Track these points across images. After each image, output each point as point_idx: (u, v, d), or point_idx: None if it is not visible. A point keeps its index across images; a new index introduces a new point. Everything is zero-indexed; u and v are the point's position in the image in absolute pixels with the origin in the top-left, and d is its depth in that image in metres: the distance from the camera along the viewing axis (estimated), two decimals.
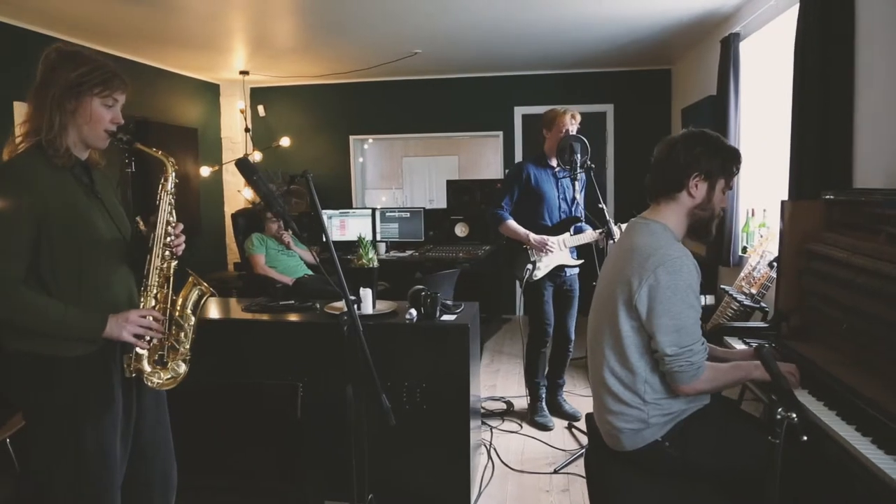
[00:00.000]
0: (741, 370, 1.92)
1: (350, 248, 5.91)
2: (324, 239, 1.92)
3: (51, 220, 1.70)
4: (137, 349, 1.81)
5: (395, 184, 10.46)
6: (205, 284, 1.91)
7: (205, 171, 6.31)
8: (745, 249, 4.11)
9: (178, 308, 1.89)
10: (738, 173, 2.01)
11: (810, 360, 2.13)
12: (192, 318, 1.90)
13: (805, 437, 1.31)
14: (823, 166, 2.93)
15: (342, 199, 6.91)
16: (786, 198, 3.52)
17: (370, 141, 7.42)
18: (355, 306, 2.96)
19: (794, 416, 1.30)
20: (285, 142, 6.65)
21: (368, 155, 7.83)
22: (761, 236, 3.89)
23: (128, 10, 4.17)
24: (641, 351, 1.88)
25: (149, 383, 1.84)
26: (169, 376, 1.87)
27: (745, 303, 3.37)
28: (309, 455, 2.84)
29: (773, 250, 3.53)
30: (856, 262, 2.13)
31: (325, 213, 6.26)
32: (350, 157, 7.02)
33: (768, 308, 3.39)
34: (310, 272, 5.24)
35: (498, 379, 4.75)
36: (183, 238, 1.89)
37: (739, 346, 2.45)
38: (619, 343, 1.90)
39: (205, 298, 1.92)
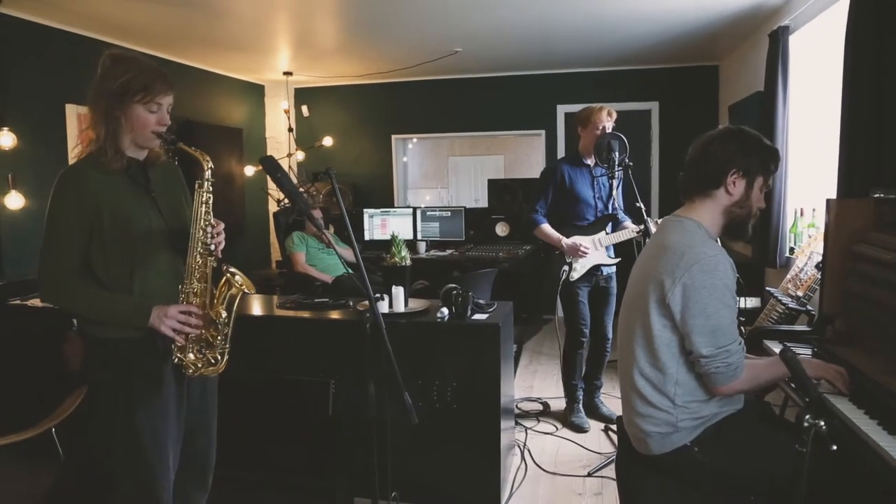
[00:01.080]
0: (779, 366, 1.84)
1: (384, 246, 5.97)
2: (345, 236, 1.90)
3: (102, 221, 1.84)
4: (175, 342, 1.90)
5: (440, 183, 10.48)
6: (237, 285, 1.93)
7: (249, 170, 6.44)
8: (792, 250, 3.96)
9: (214, 304, 1.95)
10: (776, 172, 1.95)
11: (854, 365, 2.03)
12: (224, 314, 1.94)
13: (835, 447, 1.24)
14: (875, 163, 2.80)
15: (384, 199, 6.95)
16: (835, 197, 3.38)
17: (414, 140, 7.45)
18: (387, 304, 3.01)
19: (823, 423, 1.24)
20: (328, 141, 6.73)
21: (412, 154, 7.87)
22: (809, 237, 3.74)
23: (175, 15, 4.30)
24: (673, 351, 1.83)
25: (187, 372, 1.94)
26: (207, 365, 1.96)
27: (790, 305, 3.25)
28: (339, 452, 2.87)
29: (821, 251, 3.39)
30: None
31: (367, 212, 6.31)
32: (392, 157, 7.06)
33: (814, 311, 3.26)
34: (349, 271, 5.27)
35: (535, 380, 4.71)
36: (223, 236, 1.94)
37: (779, 350, 2.36)
38: (650, 343, 1.85)
39: (239, 296, 1.95)
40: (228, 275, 1.92)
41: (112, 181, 1.87)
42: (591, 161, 3.74)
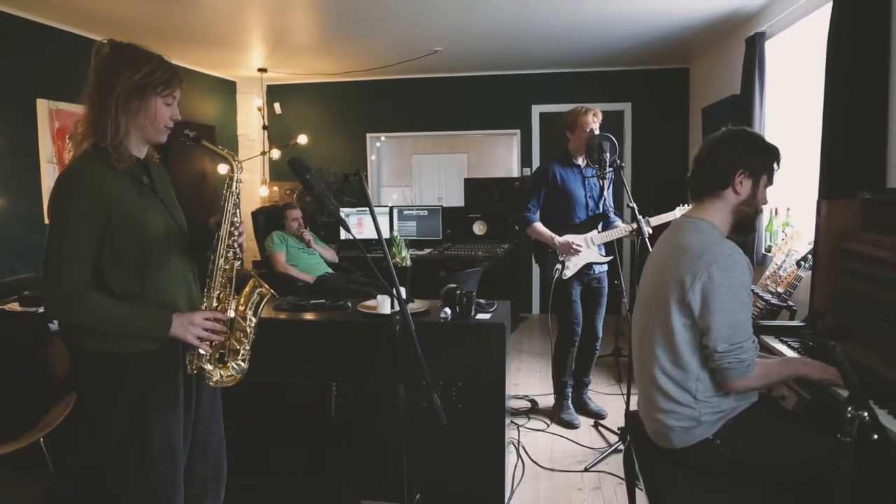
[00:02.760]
0: (790, 366, 1.94)
1: (367, 246, 5.95)
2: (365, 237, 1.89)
3: (113, 224, 1.71)
4: (200, 350, 1.83)
5: (403, 182, 10.47)
6: (266, 286, 1.92)
7: (222, 168, 6.32)
8: (769, 248, 4.11)
9: (240, 308, 1.90)
10: (779, 169, 2.04)
11: (853, 359, 2.13)
12: (253, 319, 1.91)
13: (876, 436, 1.31)
14: (857, 165, 2.93)
15: (358, 198, 6.90)
16: (812, 197, 3.52)
17: (382, 139, 7.43)
18: (388, 305, 3.01)
19: (867, 414, 1.31)
20: (303, 139, 6.66)
21: (381, 153, 7.83)
22: (785, 234, 3.89)
23: (147, 7, 4.18)
24: (693, 347, 1.89)
25: (209, 381, 1.87)
26: (229, 374, 1.89)
27: (771, 301, 3.38)
28: (343, 454, 2.86)
29: (799, 249, 3.53)
30: None
31: (343, 212, 6.26)
32: (367, 155, 7.03)
33: (796, 307, 3.40)
34: (330, 270, 5.25)
35: (520, 377, 4.76)
36: (244, 237, 1.90)
37: (777, 344, 2.46)
38: (671, 341, 1.90)
39: (266, 299, 1.93)
40: (255, 278, 1.90)
41: (120, 179, 1.75)
42: (581, 161, 3.80)
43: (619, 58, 5.96)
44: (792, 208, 3.99)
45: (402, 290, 3.01)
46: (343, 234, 6.17)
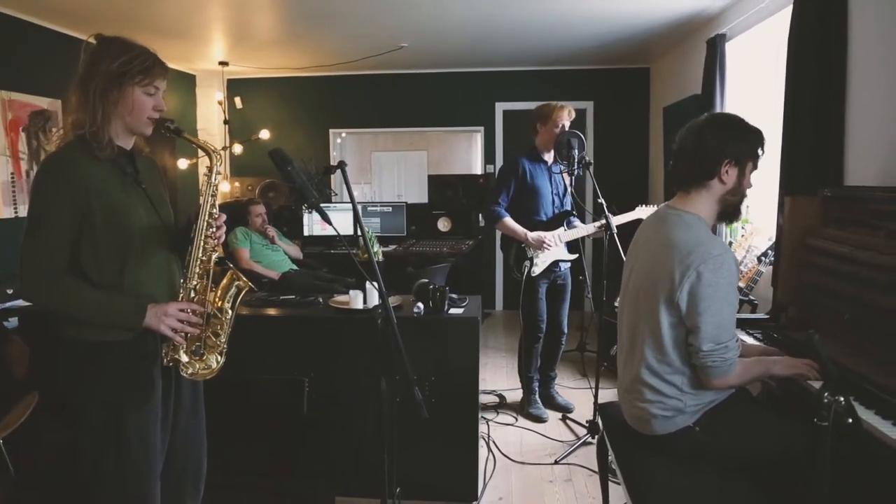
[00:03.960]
0: (763, 365, 1.97)
1: (332, 242, 5.90)
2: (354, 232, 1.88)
3: (93, 213, 1.71)
4: (174, 340, 1.81)
5: (363, 178, 10.41)
6: (244, 279, 1.89)
7: (182, 163, 6.18)
8: (729, 244, 4.22)
9: (217, 301, 1.88)
10: (763, 154, 1.99)
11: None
12: (230, 312, 1.89)
13: (850, 420, 1.37)
14: (816, 164, 3.04)
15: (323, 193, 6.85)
16: (770, 194, 3.64)
17: (343, 135, 7.39)
18: (361, 300, 2.99)
19: (842, 399, 1.36)
20: (265, 134, 6.55)
21: (342, 149, 7.78)
22: (745, 231, 4.01)
23: None
24: (680, 345, 1.91)
25: (184, 373, 1.86)
26: (205, 367, 1.89)
27: None
28: (317, 451, 2.83)
29: (759, 245, 3.64)
30: (860, 257, 2.23)
31: (306, 208, 6.18)
32: (330, 151, 6.97)
33: (757, 301, 3.51)
34: (295, 267, 5.19)
35: (486, 373, 4.79)
36: (223, 229, 1.87)
37: (744, 337, 2.53)
38: (659, 339, 1.91)
39: (243, 293, 1.90)
40: (233, 270, 1.87)
41: (102, 169, 1.75)
42: (548, 157, 3.84)
43: (583, 57, 6.04)
44: (750, 205, 4.11)
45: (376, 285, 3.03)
46: (307, 230, 6.12)
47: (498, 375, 4.73)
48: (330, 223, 1.87)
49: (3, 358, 3.04)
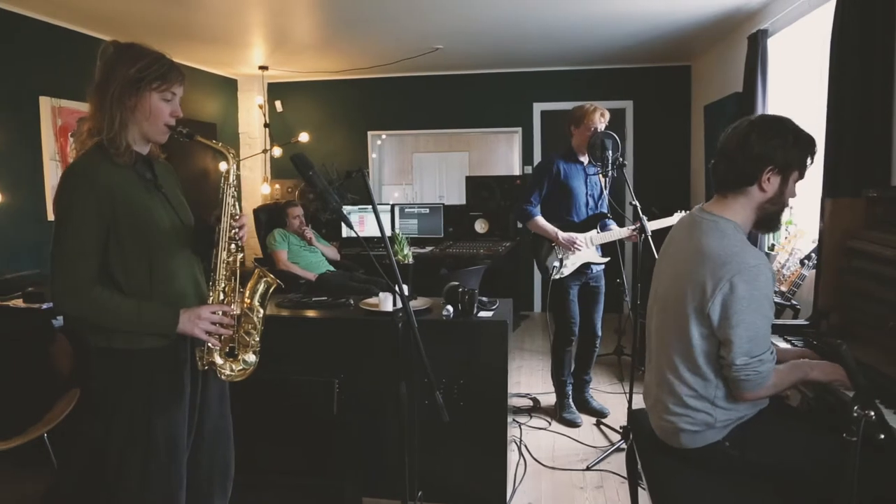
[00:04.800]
0: (799, 371, 1.88)
1: (369, 244, 5.94)
2: (375, 235, 1.88)
3: (118, 219, 1.73)
4: (209, 344, 1.83)
5: (405, 180, 10.46)
6: (271, 276, 1.92)
7: (223, 166, 6.29)
8: (772, 247, 4.10)
9: (247, 300, 1.90)
10: (812, 163, 1.87)
11: (857, 359, 2.12)
12: (261, 310, 1.92)
13: (882, 436, 1.30)
14: (861, 163, 2.92)
15: (361, 195, 6.90)
16: (816, 195, 3.51)
17: (383, 137, 7.43)
18: (390, 303, 3.00)
19: (873, 413, 1.30)
20: (304, 137, 6.64)
21: (382, 151, 7.83)
22: (788, 233, 3.88)
23: (148, 5, 4.18)
24: (712, 359, 1.83)
25: (221, 375, 1.88)
26: (240, 367, 1.90)
27: (774, 300, 3.36)
28: (345, 451, 2.85)
29: (802, 247, 3.52)
30: None
31: (344, 209, 6.23)
32: (368, 153, 7.02)
33: (800, 306, 3.39)
34: (332, 268, 5.25)
35: (521, 376, 4.75)
36: (246, 229, 1.90)
37: (781, 343, 2.45)
38: (689, 351, 1.84)
39: (271, 290, 1.93)
40: (259, 269, 1.90)
41: (123, 175, 1.77)
42: (584, 158, 3.79)
43: (621, 55, 5.94)
44: (795, 206, 3.98)
45: (404, 288, 3.03)
46: (345, 232, 6.18)
47: (533, 379, 4.69)
48: (350, 226, 1.88)
49: (49, 355, 3.16)
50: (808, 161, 1.86)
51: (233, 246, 1.88)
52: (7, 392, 3.09)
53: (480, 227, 6.24)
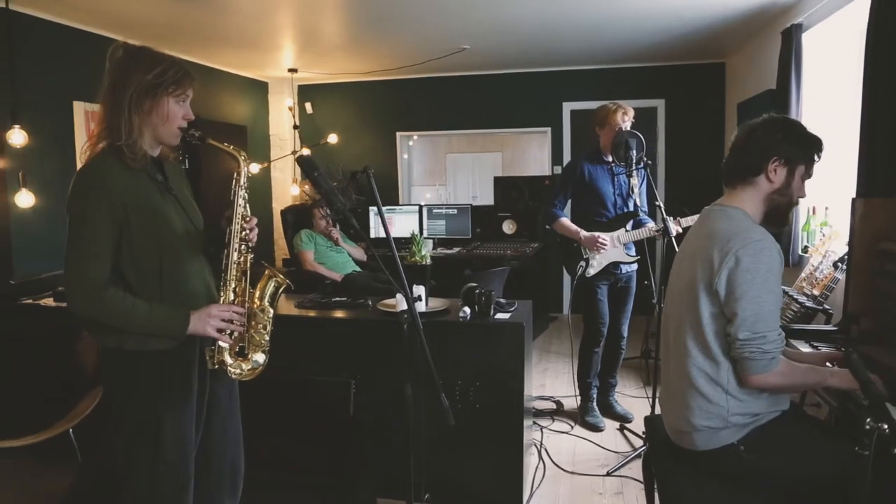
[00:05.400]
0: (817, 374, 1.83)
1: (397, 244, 5.92)
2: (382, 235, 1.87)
3: (130, 221, 1.75)
4: (220, 342, 1.85)
5: (438, 180, 10.45)
6: (280, 276, 1.93)
7: (254, 168, 6.39)
8: (805, 249, 3.97)
9: (257, 300, 1.92)
10: (819, 161, 1.96)
11: (889, 366, 2.03)
12: (270, 310, 1.94)
13: None
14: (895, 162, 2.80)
15: (389, 196, 6.93)
16: (852, 195, 3.38)
17: (415, 137, 7.44)
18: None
19: (886, 426, 1.23)
20: (333, 139, 6.69)
21: (413, 152, 7.84)
22: (823, 235, 3.75)
23: (179, 10, 4.25)
24: (720, 336, 1.83)
25: (232, 375, 1.90)
26: (249, 367, 1.93)
27: (806, 304, 3.25)
28: (361, 452, 2.85)
29: (836, 250, 3.39)
30: None
31: (372, 210, 6.27)
32: (396, 154, 7.04)
33: (832, 310, 3.27)
34: (358, 269, 5.26)
35: (547, 378, 4.70)
36: (256, 231, 1.92)
37: (807, 349, 2.36)
38: (701, 333, 1.84)
39: (281, 290, 1.94)
40: (269, 269, 1.91)
41: (135, 178, 1.79)
42: (611, 158, 3.73)
43: (652, 53, 5.83)
44: (830, 207, 3.85)
45: (422, 289, 3.02)
46: (372, 233, 6.20)
47: (559, 381, 4.63)
48: (355, 227, 1.88)
49: (75, 353, 3.24)
50: (815, 157, 1.94)
51: (243, 247, 1.90)
52: (35, 388, 3.19)
53: (508, 227, 6.20)
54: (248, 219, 1.91)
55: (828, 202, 3.85)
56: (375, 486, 2.84)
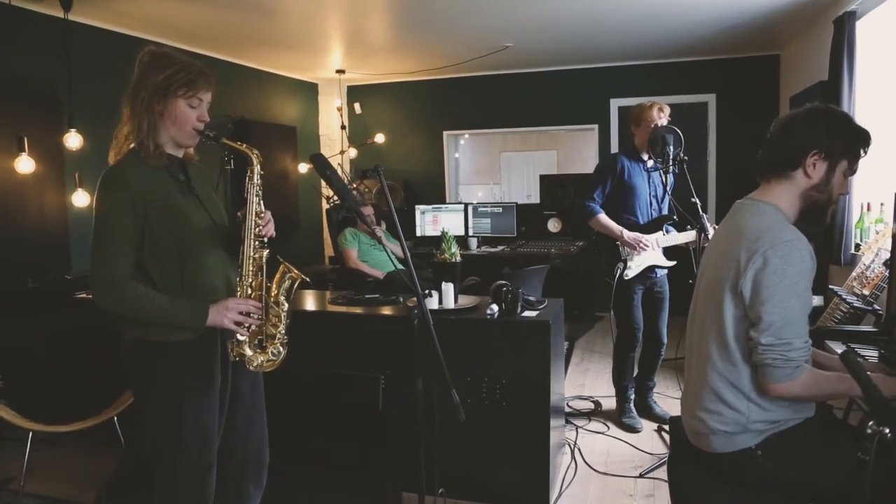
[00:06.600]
0: (847, 381, 1.67)
1: (440, 243, 5.96)
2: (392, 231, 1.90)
3: (151, 219, 1.82)
4: (238, 335, 1.92)
5: (492, 179, 10.43)
6: (295, 271, 1.99)
7: (303, 167, 6.56)
8: (858, 247, 3.79)
9: (273, 295, 1.98)
10: (865, 156, 1.79)
11: None
12: (286, 304, 1.99)
13: None
14: None
15: (435, 195, 6.98)
16: None
17: (466, 136, 7.46)
18: (437, 300, 3.02)
19: (888, 431, 1.17)
20: (380, 138, 6.79)
21: (464, 150, 7.86)
22: (877, 232, 3.57)
23: (230, 15, 4.40)
24: (742, 340, 1.74)
25: (250, 366, 1.96)
26: (268, 359, 1.99)
27: (855, 304, 3.11)
28: (388, 447, 2.89)
29: (890, 248, 3.23)
30: None
31: (418, 209, 6.33)
32: (444, 153, 7.08)
33: (882, 311, 3.11)
34: (401, 266, 5.31)
35: (587, 378, 4.65)
36: (272, 225, 1.97)
37: (840, 349, 2.26)
38: (723, 335, 1.76)
39: (296, 285, 2.00)
40: (284, 264, 1.97)
41: (156, 177, 1.86)
42: (646, 157, 3.66)
43: (701, 47, 5.67)
44: (886, 204, 3.66)
45: (451, 287, 3.04)
46: (418, 231, 6.26)
47: (599, 381, 4.57)
48: (365, 221, 1.93)
49: (121, 344, 3.40)
50: (860, 151, 1.77)
51: (257, 242, 1.95)
52: (85, 376, 3.37)
53: (553, 226, 6.16)
54: (261, 214, 1.96)
55: (883, 198, 3.67)
56: (401, 481, 2.87)
